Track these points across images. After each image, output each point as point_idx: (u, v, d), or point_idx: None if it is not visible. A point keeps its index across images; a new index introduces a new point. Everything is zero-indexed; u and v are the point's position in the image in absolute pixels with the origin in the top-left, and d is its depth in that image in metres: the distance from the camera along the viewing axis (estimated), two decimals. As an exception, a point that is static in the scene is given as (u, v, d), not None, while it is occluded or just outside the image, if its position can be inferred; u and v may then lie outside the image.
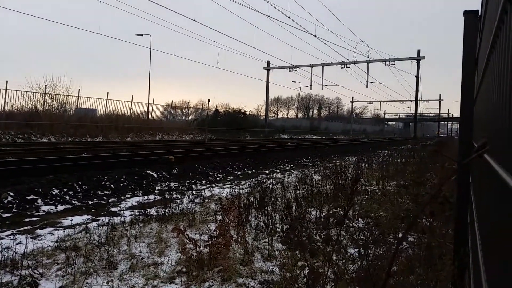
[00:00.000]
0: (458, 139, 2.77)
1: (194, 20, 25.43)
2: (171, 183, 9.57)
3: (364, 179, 9.04)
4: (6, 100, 25.16)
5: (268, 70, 53.52)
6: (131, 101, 35.59)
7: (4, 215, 5.91)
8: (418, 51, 46.84)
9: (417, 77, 47.57)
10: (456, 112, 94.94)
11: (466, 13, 2.79)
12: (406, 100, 77.52)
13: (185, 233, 3.67)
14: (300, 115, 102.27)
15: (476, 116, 2.71)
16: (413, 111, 56.90)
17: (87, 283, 3.17)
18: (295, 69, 49.13)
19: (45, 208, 6.48)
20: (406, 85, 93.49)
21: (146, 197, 7.61)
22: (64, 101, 29.66)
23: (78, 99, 30.91)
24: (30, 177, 7.83)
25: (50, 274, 3.38)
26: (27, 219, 5.76)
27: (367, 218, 5.19)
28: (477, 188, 2.27)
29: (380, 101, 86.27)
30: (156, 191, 8.61)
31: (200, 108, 52.04)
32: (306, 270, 2.53)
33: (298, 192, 6.89)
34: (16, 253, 3.69)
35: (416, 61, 46.78)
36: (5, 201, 6.30)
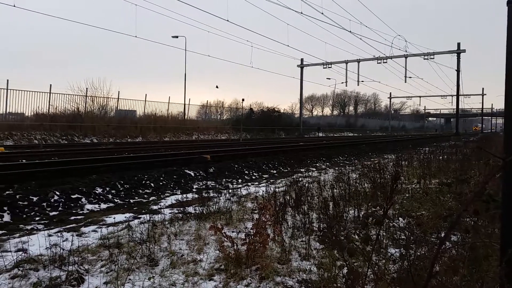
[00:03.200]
0: (503, 135, 2.65)
1: (227, 20, 25.65)
2: (208, 182, 9.72)
3: (404, 177, 8.81)
4: (50, 103, 26.40)
5: (301, 68, 53.15)
6: (168, 102, 36.45)
7: (52, 213, 6.21)
8: (458, 44, 45.05)
9: (458, 71, 45.76)
10: (500, 106, 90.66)
11: (509, 3, 2.65)
12: (447, 95, 74.77)
13: (223, 231, 3.72)
14: (335, 112, 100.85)
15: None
16: (454, 106, 54.85)
17: (129, 279, 3.28)
18: (329, 65, 48.50)
19: (89, 206, 6.75)
20: (447, 79, 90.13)
21: (184, 195, 7.77)
22: (105, 103, 30.80)
23: (118, 101, 31.97)
24: (74, 177, 8.18)
25: (95, 270, 3.51)
26: (72, 217, 6.03)
27: (408, 217, 5.06)
28: (525, 186, 2.16)
29: (420, 97, 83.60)
30: (194, 190, 8.77)
31: (234, 108, 52.49)
32: (345, 270, 2.51)
33: (335, 190, 6.80)
34: (63, 249, 3.86)
35: (456, 54, 45.03)
36: (52, 200, 6.61)
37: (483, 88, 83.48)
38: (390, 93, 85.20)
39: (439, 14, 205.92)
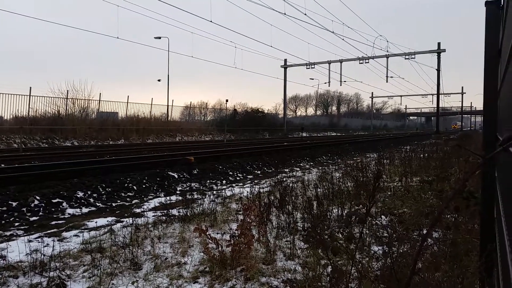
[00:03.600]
0: (482, 133, 2.71)
1: (211, 21, 25.59)
2: (192, 184, 9.65)
3: (386, 175, 8.93)
4: (30, 106, 25.84)
5: (285, 68, 53.38)
6: (151, 104, 36.05)
7: (32, 219, 6.08)
8: (439, 44, 45.91)
9: (438, 70, 46.63)
10: (479, 105, 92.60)
11: (487, 3, 2.72)
12: (427, 94, 76.17)
13: (207, 233, 3.70)
14: (318, 112, 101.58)
15: (501, 108, 2.64)
16: (435, 105, 55.80)
17: (113, 284, 3.23)
18: (312, 66, 48.84)
19: (70, 211, 6.63)
20: (427, 78, 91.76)
21: (168, 198, 7.69)
22: (86, 105, 30.26)
23: (99, 103, 31.47)
24: (55, 180, 8.02)
25: (77, 275, 3.45)
26: (53, 222, 5.91)
27: (390, 215, 5.12)
28: (503, 182, 2.21)
29: (401, 96, 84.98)
30: (178, 192, 8.70)
31: (218, 109, 52.34)
32: (329, 269, 2.52)
33: (319, 190, 6.84)
34: (44, 255, 3.78)
35: (436, 54, 45.86)
36: (32, 205, 6.47)
37: (462, 87, 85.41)
38: (372, 92, 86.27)
39: (419, 14, 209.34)
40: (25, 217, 6.09)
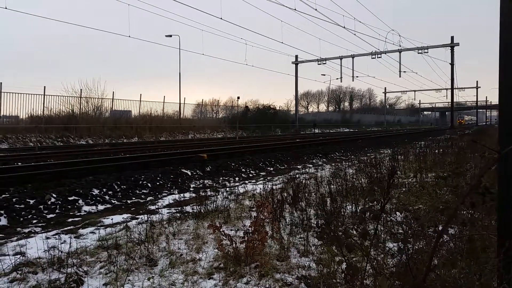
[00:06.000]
0: (498, 127, 2.66)
1: (221, 18, 25.55)
2: (205, 181, 9.71)
3: (400, 171, 8.84)
4: (45, 105, 26.24)
5: (296, 65, 53.10)
6: (163, 102, 36.30)
7: (49, 216, 6.19)
8: (452, 38, 45.16)
9: (452, 64, 45.87)
10: (495, 99, 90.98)
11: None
12: (441, 89, 75.07)
13: (221, 230, 3.72)
14: (331, 108, 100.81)
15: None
16: (449, 100, 54.97)
17: (129, 280, 3.27)
18: (324, 62, 48.45)
19: (86, 208, 6.73)
20: (441, 73, 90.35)
21: (181, 195, 7.76)
22: (100, 104, 30.61)
23: (112, 101, 31.79)
24: (70, 178, 8.15)
25: (94, 271, 3.51)
26: (69, 219, 6.01)
27: (405, 211, 5.08)
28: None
29: (415, 91, 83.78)
30: (191, 189, 8.77)
31: (230, 106, 52.36)
32: (344, 265, 2.51)
33: (332, 186, 6.81)
34: (61, 252, 3.85)
35: (450, 48, 45.15)
36: (49, 203, 6.58)
37: (477, 81, 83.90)
38: (385, 88, 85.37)
39: (432, 8, 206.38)
40: (42, 214, 6.21)
